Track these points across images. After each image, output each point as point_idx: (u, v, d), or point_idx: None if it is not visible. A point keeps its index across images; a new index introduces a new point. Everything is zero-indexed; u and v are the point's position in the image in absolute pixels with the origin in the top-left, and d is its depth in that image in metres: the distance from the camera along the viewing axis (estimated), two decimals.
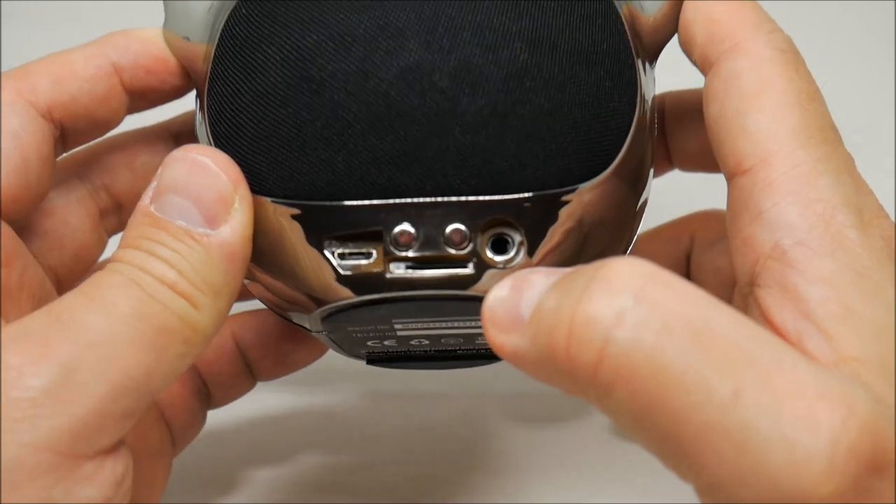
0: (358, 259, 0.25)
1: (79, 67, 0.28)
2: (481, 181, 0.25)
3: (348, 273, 0.25)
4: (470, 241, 0.25)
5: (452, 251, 0.25)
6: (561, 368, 0.22)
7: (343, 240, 0.25)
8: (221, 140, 0.26)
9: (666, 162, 0.33)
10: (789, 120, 0.24)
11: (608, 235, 0.26)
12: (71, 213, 0.30)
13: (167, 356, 0.24)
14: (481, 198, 0.25)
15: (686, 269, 0.34)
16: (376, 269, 0.25)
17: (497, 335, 0.23)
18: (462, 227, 0.25)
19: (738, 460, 0.20)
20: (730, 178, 0.25)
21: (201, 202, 0.25)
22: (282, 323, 0.31)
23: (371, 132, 0.24)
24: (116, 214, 0.31)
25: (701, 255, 0.33)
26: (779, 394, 0.20)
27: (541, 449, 0.37)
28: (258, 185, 0.25)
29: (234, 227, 0.25)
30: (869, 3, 0.51)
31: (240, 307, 0.32)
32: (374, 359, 0.31)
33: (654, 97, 0.28)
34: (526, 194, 0.25)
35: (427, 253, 0.25)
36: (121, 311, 0.23)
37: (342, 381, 0.40)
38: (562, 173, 0.25)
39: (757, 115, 0.25)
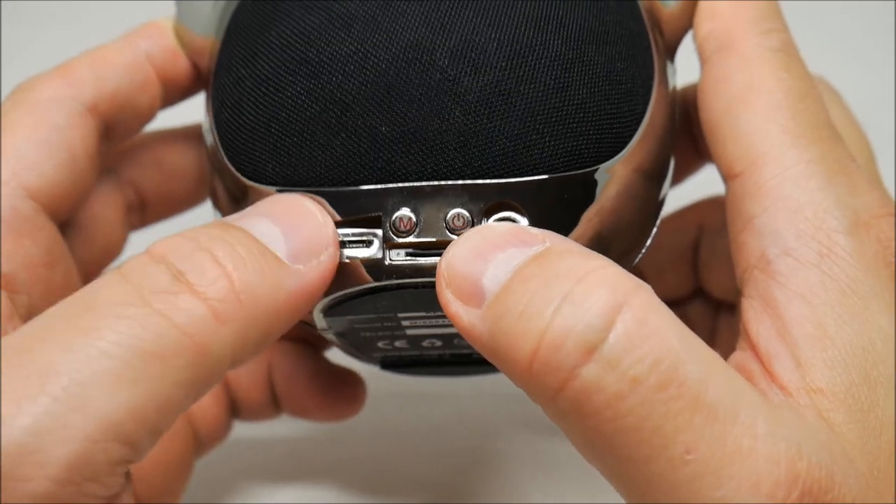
0: (357, 246, 0.24)
1: (114, 57, 0.28)
2: (484, 163, 0.24)
3: (346, 261, 0.24)
4: (473, 227, 0.24)
5: (454, 237, 0.24)
6: (517, 375, 0.21)
7: (341, 226, 0.24)
8: (224, 129, 0.26)
9: (696, 157, 0.32)
10: (779, 120, 0.24)
11: (623, 225, 0.25)
12: (102, 205, 0.29)
13: (164, 386, 0.20)
14: (484, 181, 0.24)
15: (693, 259, 0.33)
16: (375, 257, 0.24)
17: (452, 302, 0.22)
18: (464, 211, 0.24)
19: None
20: (725, 181, 0.25)
21: (293, 233, 0.23)
22: (318, 367, 0.30)
23: (369, 114, 0.24)
24: (140, 212, 0.31)
25: (714, 240, 0.32)
26: (728, 453, 0.20)
27: (542, 449, 0.37)
28: (259, 174, 0.25)
29: (322, 267, 0.23)
30: (869, 4, 0.51)
31: None
32: (388, 363, 0.30)
33: (674, 87, 0.27)
34: (531, 177, 0.24)
35: (428, 238, 0.24)
36: (104, 340, 0.20)
37: None
38: (570, 155, 0.24)
39: (746, 117, 0.24)
